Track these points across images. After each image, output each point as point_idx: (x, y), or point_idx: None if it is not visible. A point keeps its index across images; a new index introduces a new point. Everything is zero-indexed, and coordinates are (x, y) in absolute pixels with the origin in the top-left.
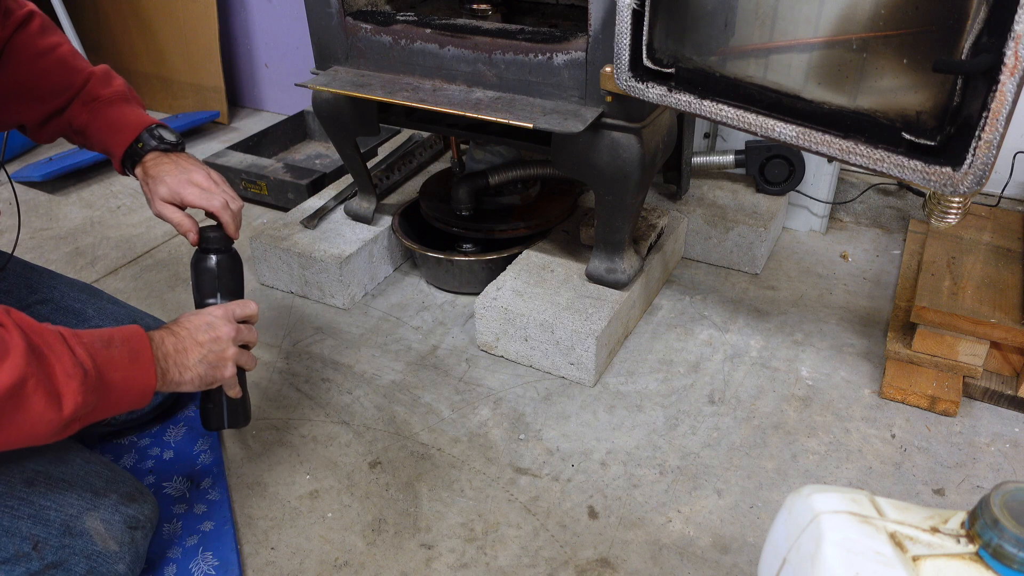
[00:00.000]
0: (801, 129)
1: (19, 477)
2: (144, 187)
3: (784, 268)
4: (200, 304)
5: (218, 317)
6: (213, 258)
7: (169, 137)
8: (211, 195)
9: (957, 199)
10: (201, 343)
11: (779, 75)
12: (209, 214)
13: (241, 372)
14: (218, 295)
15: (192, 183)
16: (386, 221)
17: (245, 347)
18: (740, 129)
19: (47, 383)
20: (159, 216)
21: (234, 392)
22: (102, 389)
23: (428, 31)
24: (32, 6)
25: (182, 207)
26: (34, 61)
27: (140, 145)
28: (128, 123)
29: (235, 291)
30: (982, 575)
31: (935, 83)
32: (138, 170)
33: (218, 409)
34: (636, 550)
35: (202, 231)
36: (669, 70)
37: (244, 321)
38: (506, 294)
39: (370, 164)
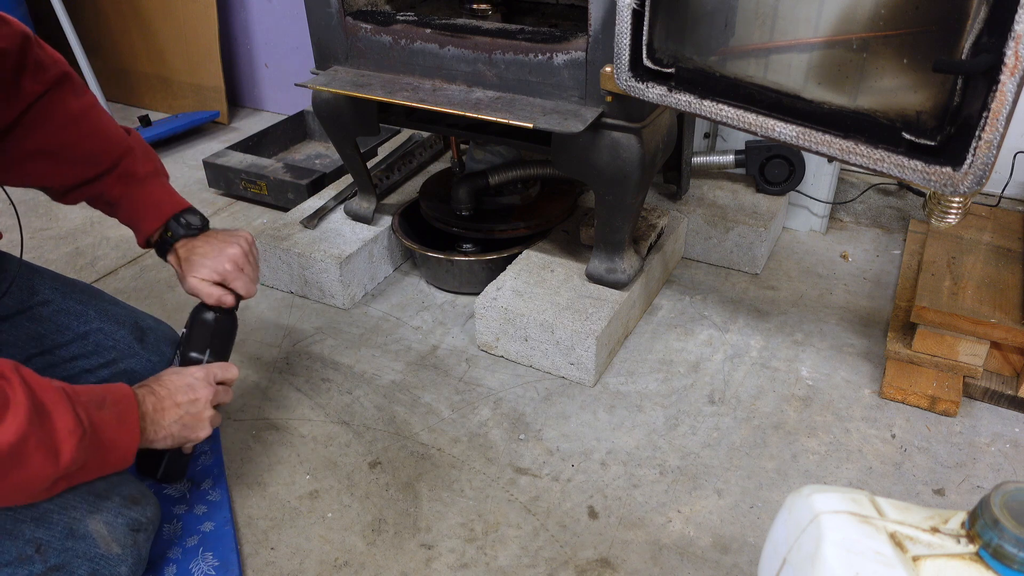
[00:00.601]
0: (801, 129)
1: None
2: (178, 268)
3: (784, 268)
4: (185, 355)
5: (199, 379)
6: (212, 315)
7: (196, 223)
8: (248, 281)
9: (957, 199)
10: (179, 404)
11: (779, 75)
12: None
13: (186, 455)
14: (207, 352)
15: (231, 260)
16: (386, 221)
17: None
18: (740, 129)
19: (47, 440)
20: (192, 292)
21: (187, 449)
22: (94, 447)
23: (428, 31)
24: (65, 65)
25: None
26: (68, 125)
27: (169, 234)
28: (159, 205)
29: (223, 353)
30: (982, 575)
31: (935, 83)
32: (171, 257)
33: (156, 461)
34: (636, 550)
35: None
36: (669, 70)
37: (222, 383)
38: (506, 294)
39: (370, 164)
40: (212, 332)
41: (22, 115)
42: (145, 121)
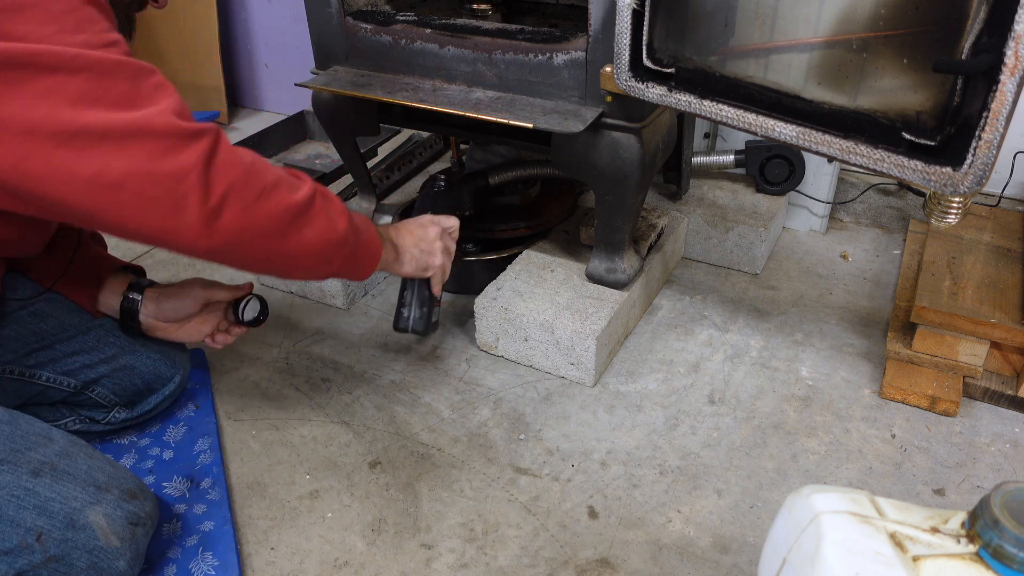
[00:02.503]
0: (801, 129)
1: (26, 467)
2: (171, 300)
3: (784, 268)
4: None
5: (428, 219)
6: (434, 189)
7: (145, 280)
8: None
9: (957, 199)
10: (415, 235)
11: (779, 75)
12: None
13: (433, 297)
14: (428, 213)
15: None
16: (386, 221)
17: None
18: (740, 129)
19: (329, 210)
20: (199, 300)
21: (436, 290)
22: (355, 238)
23: (428, 31)
24: None
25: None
26: None
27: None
28: (104, 267)
29: (445, 212)
30: (982, 575)
31: (935, 83)
32: (149, 306)
33: (407, 312)
34: (636, 550)
35: (433, 176)
36: (669, 70)
37: (447, 229)
38: (506, 294)
39: (370, 164)
40: (432, 198)
41: None
42: None
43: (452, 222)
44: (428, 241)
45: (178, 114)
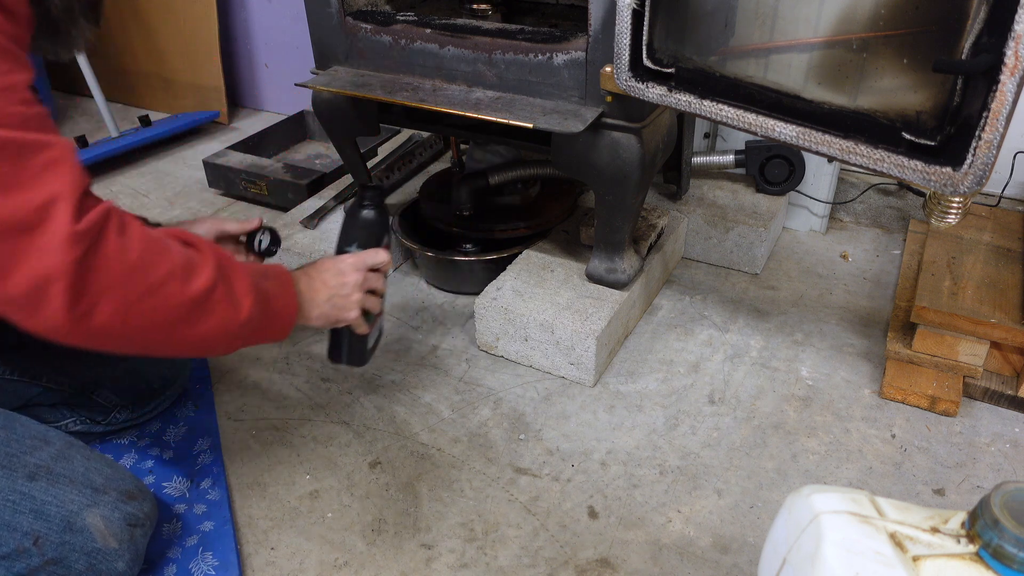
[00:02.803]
0: (801, 129)
1: (21, 471)
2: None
3: (784, 268)
4: (339, 250)
5: (348, 264)
6: (362, 211)
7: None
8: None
9: (957, 199)
10: (329, 286)
11: (779, 75)
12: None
13: (372, 317)
14: (354, 244)
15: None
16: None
17: (374, 293)
18: (740, 129)
19: (231, 293)
20: (212, 231)
21: (361, 330)
22: (264, 309)
23: (428, 31)
24: None
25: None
26: None
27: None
28: None
29: (372, 243)
30: (982, 575)
31: (935, 83)
32: None
33: (339, 344)
34: (636, 550)
35: (363, 188)
36: (669, 70)
37: (375, 270)
38: (506, 294)
39: (370, 164)
40: (359, 226)
41: None
42: (145, 121)
43: (379, 258)
44: (343, 295)
45: (68, 199)
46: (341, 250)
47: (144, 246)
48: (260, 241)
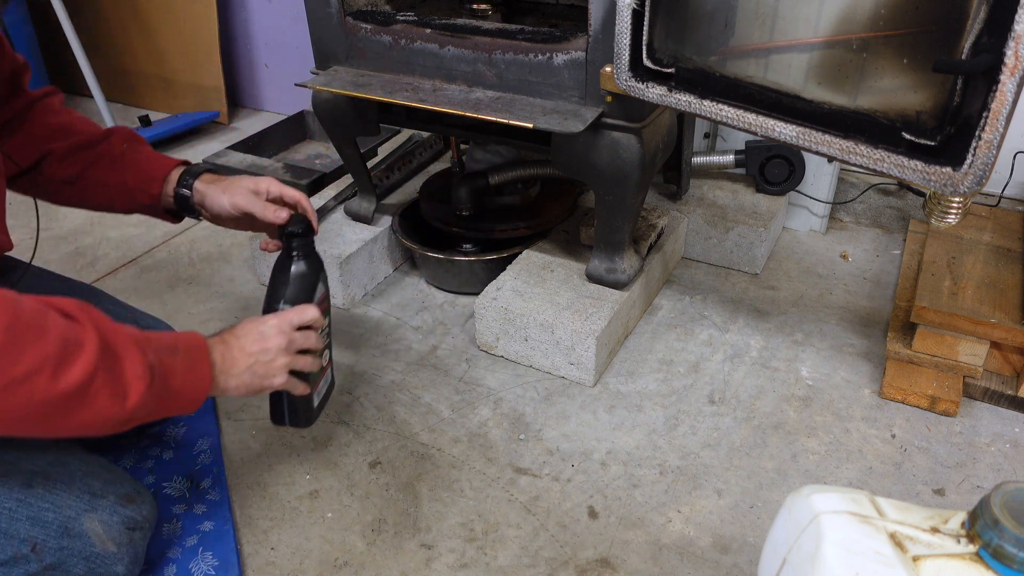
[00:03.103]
0: (801, 129)
1: (17, 479)
2: (211, 202)
3: (784, 268)
4: (266, 307)
5: (271, 327)
6: (290, 263)
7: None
8: (288, 189)
9: (957, 199)
10: (249, 353)
11: (779, 75)
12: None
13: (315, 375)
14: (281, 301)
15: (266, 180)
16: (386, 221)
17: (309, 352)
18: (740, 129)
19: (115, 383)
20: (241, 209)
21: (298, 391)
22: (162, 393)
23: (428, 31)
24: (52, 88)
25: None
26: (54, 115)
27: (189, 176)
28: (164, 160)
29: (301, 298)
30: (982, 575)
31: (935, 83)
32: (196, 192)
33: (279, 406)
34: (636, 550)
35: (290, 222)
36: (669, 70)
37: (307, 327)
38: (506, 294)
39: (370, 164)
40: (286, 279)
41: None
42: (145, 121)
43: (307, 316)
44: (264, 362)
45: None
46: (269, 308)
47: (7, 335)
48: (291, 234)
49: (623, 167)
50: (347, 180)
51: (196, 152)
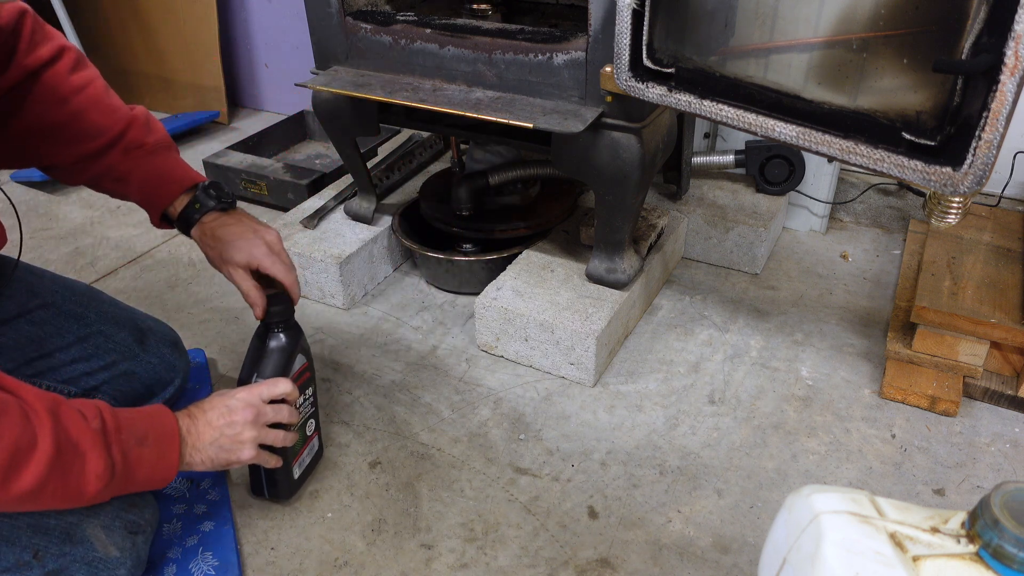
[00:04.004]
0: (801, 129)
1: None
2: (206, 248)
3: (784, 268)
4: (241, 380)
5: (239, 400)
6: (266, 338)
7: (226, 197)
8: (286, 267)
9: (957, 199)
10: (215, 427)
11: (779, 75)
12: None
13: (294, 449)
14: (254, 375)
15: (266, 244)
16: (386, 221)
17: (283, 425)
18: (740, 129)
19: (71, 484)
20: (229, 278)
21: (271, 465)
22: (124, 482)
23: (428, 31)
24: (63, 40)
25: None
26: (63, 103)
27: (197, 206)
28: (175, 177)
29: (277, 373)
30: (982, 575)
31: (935, 83)
32: (196, 231)
33: (257, 478)
34: (636, 550)
35: (270, 301)
36: (669, 70)
37: (280, 400)
38: (506, 294)
39: (370, 164)
40: (261, 353)
41: (14, 91)
42: None
43: (277, 389)
44: (230, 436)
45: None
46: (243, 380)
47: None
48: (271, 315)
49: (623, 167)
50: (347, 180)
51: (196, 152)
